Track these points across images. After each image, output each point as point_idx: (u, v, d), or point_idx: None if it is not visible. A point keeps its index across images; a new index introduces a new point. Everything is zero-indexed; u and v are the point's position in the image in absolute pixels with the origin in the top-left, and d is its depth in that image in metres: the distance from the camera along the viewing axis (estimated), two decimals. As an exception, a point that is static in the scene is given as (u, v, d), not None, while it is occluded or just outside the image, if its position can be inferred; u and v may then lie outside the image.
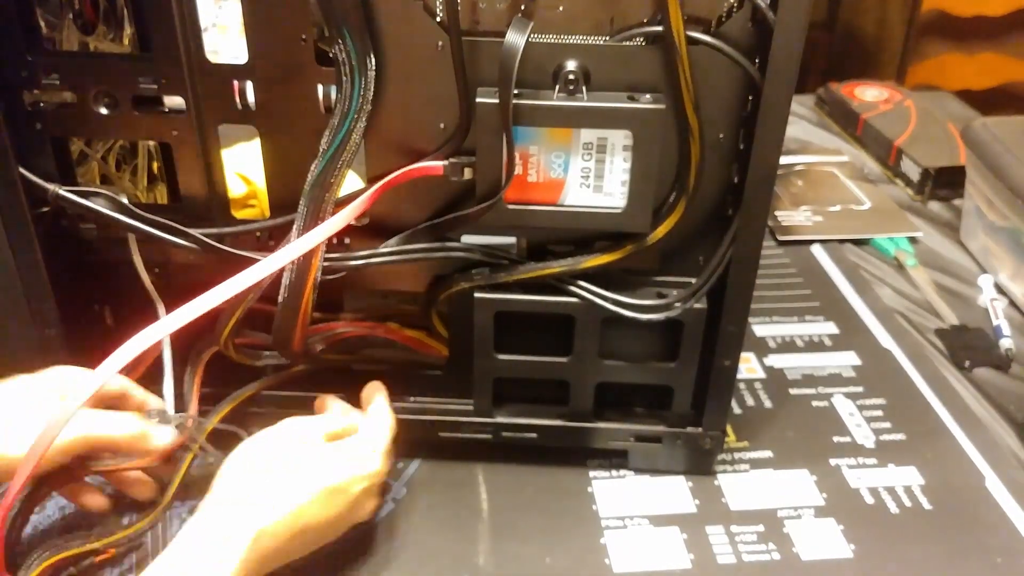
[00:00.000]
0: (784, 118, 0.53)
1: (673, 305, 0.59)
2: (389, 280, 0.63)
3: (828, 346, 0.82)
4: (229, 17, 0.78)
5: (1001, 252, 0.90)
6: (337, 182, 0.54)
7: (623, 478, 0.67)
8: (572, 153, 0.55)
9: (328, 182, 0.54)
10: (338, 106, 0.52)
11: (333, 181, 0.54)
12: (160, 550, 0.50)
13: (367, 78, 0.52)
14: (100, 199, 0.57)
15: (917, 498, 0.66)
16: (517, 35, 0.50)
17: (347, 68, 0.51)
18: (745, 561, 0.61)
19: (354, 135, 0.53)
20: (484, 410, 0.65)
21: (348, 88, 0.52)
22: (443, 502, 0.64)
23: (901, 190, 1.07)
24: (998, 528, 0.64)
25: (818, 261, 0.95)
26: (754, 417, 0.73)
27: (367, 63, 0.52)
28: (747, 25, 0.52)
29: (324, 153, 0.53)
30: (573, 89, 0.53)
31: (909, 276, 0.92)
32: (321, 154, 0.53)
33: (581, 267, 0.58)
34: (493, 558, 0.61)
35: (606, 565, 0.60)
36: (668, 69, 0.52)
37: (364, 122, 0.53)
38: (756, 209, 0.56)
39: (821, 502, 0.66)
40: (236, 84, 0.56)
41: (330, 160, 0.53)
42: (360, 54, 0.51)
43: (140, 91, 0.56)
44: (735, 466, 0.69)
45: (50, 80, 0.56)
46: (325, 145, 0.53)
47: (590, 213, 0.56)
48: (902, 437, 0.72)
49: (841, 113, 1.22)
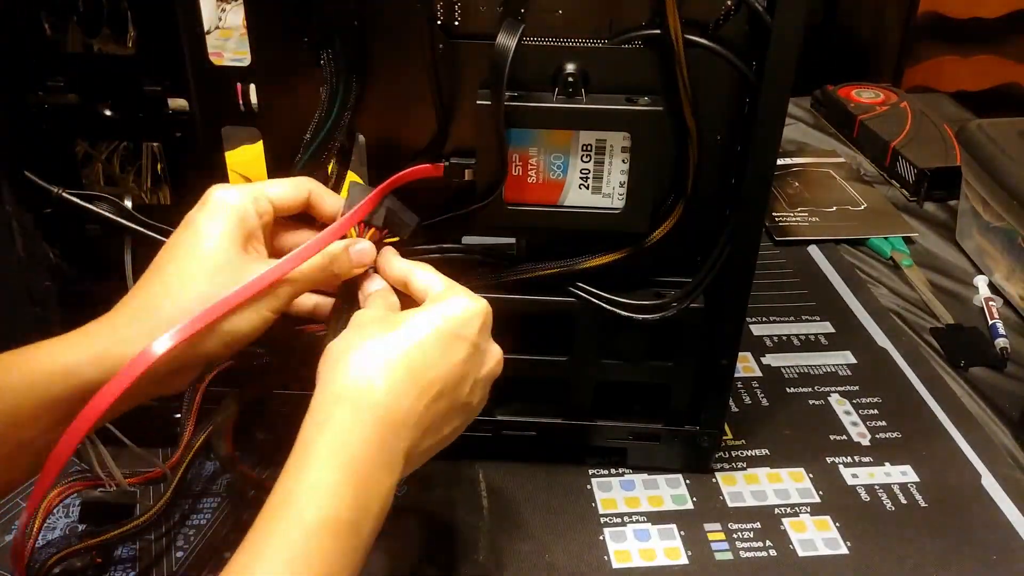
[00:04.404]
0: (781, 120, 0.53)
1: (670, 305, 0.60)
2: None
3: (824, 345, 0.82)
4: (232, 19, 0.79)
5: (996, 252, 0.91)
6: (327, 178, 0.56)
7: (622, 476, 0.68)
8: (571, 155, 0.55)
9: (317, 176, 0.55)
10: (320, 106, 0.54)
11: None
12: (163, 544, 0.51)
13: (351, 85, 0.54)
14: (102, 203, 0.58)
15: (913, 496, 0.67)
16: (508, 37, 0.50)
17: (330, 74, 0.53)
18: (742, 558, 0.62)
19: (333, 138, 0.54)
20: (484, 409, 0.66)
21: (331, 91, 0.54)
22: (443, 500, 0.65)
23: (897, 191, 1.08)
24: (993, 526, 0.64)
25: (815, 261, 0.95)
26: (751, 415, 0.74)
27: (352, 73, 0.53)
28: (744, 28, 0.53)
29: (305, 149, 0.55)
30: (572, 91, 0.53)
31: (905, 276, 0.93)
32: (303, 148, 0.55)
33: (580, 267, 0.59)
34: (493, 556, 0.61)
35: (605, 562, 0.61)
36: (666, 71, 0.53)
37: (345, 127, 0.55)
38: (753, 210, 0.56)
39: (817, 500, 0.66)
40: (239, 86, 0.56)
41: (311, 157, 0.55)
42: (347, 61, 0.52)
43: (144, 93, 0.57)
44: (732, 464, 0.69)
45: (55, 82, 0.56)
46: (306, 140, 0.55)
47: (589, 214, 0.57)
48: (898, 435, 0.72)
49: (837, 115, 1.22)
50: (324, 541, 0.40)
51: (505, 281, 0.60)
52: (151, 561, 0.60)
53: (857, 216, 1.02)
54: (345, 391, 0.44)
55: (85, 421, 0.44)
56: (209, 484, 0.65)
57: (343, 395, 0.44)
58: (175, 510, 0.63)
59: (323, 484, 0.41)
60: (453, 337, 0.47)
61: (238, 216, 0.48)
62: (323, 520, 0.40)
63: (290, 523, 0.40)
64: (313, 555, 0.40)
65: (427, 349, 0.46)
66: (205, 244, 0.48)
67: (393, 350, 0.45)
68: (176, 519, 0.62)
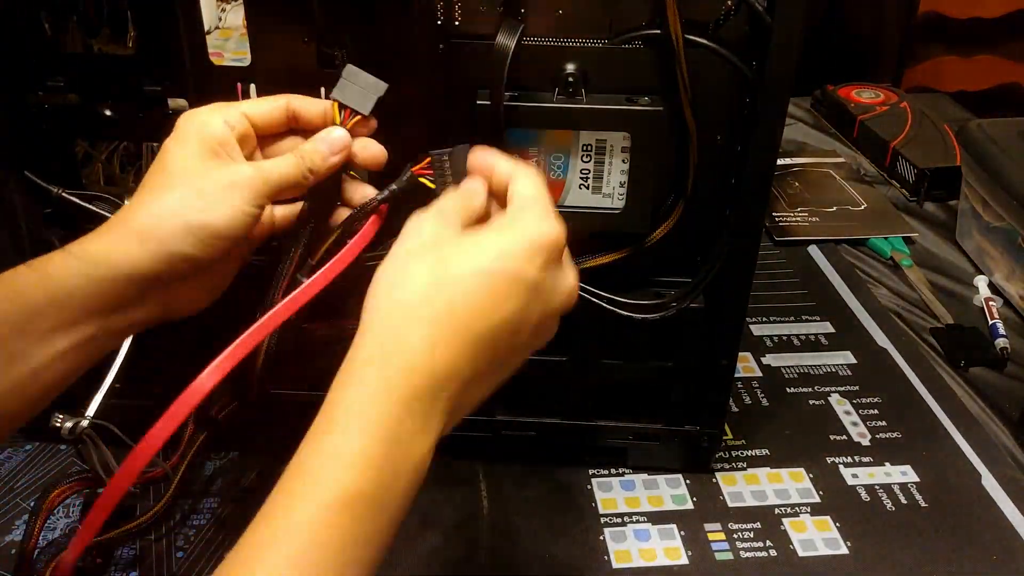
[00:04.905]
0: (781, 120, 0.53)
1: (670, 305, 0.60)
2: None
3: (824, 345, 0.82)
4: (232, 19, 0.79)
5: (996, 252, 0.91)
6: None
7: (622, 476, 0.68)
8: (572, 155, 0.56)
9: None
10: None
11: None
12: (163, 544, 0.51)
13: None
14: (102, 203, 0.58)
15: (913, 496, 0.67)
16: (507, 37, 0.50)
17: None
18: (742, 558, 0.62)
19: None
20: (484, 409, 0.66)
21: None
22: (443, 501, 0.65)
23: (897, 191, 1.08)
24: (993, 526, 0.64)
25: (815, 261, 0.95)
26: (751, 416, 0.74)
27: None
28: (744, 28, 0.53)
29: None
30: (572, 91, 0.53)
31: (905, 276, 0.93)
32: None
33: (580, 267, 0.58)
34: (493, 556, 0.61)
35: (605, 562, 0.61)
36: (666, 71, 0.53)
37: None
38: (753, 210, 0.56)
39: (817, 500, 0.66)
40: (239, 86, 0.56)
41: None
42: (360, 57, 0.52)
43: (144, 93, 0.57)
44: (732, 464, 0.69)
45: (55, 82, 0.56)
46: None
47: (589, 214, 0.57)
48: (898, 435, 0.72)
49: (837, 115, 1.22)
50: (343, 520, 0.36)
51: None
52: (151, 561, 0.60)
53: (857, 216, 1.02)
54: (375, 346, 0.40)
55: (135, 462, 0.45)
56: (209, 484, 0.65)
57: (373, 353, 0.40)
58: (175, 510, 0.63)
59: (343, 453, 0.37)
60: (512, 280, 0.41)
61: (204, 130, 0.48)
62: (342, 497, 0.36)
63: (304, 501, 0.36)
64: (327, 542, 0.35)
65: (478, 298, 0.41)
66: (169, 158, 0.48)
67: (436, 297, 0.40)
68: (176, 519, 0.62)
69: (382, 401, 0.39)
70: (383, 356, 0.40)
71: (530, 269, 0.42)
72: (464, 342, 0.41)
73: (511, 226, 0.43)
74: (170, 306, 0.49)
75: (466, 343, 0.41)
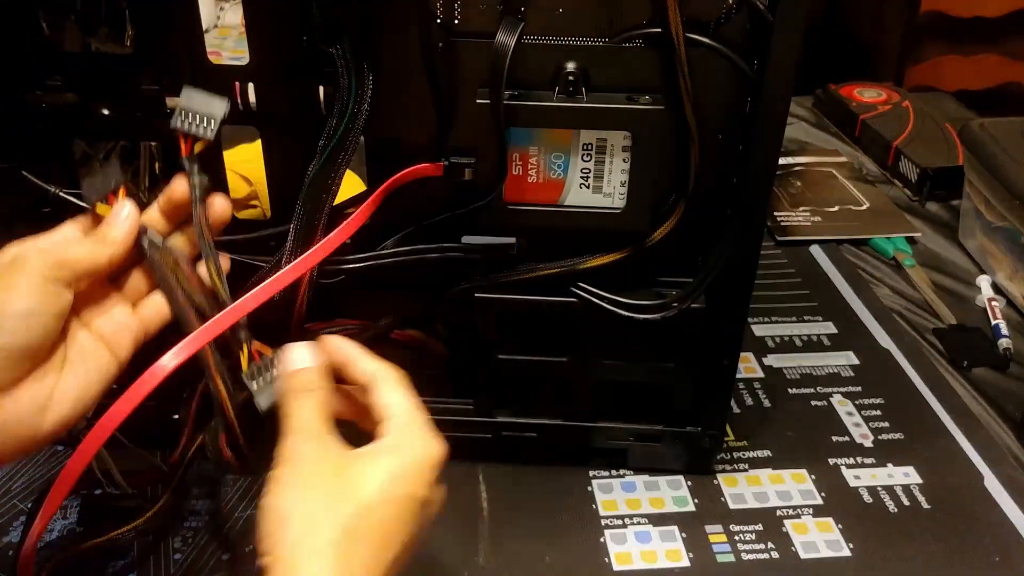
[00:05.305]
0: (782, 119, 0.53)
1: (671, 305, 0.60)
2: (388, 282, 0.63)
3: (827, 346, 0.82)
4: (230, 18, 0.78)
5: (999, 252, 0.91)
6: (335, 183, 0.54)
7: (623, 477, 0.67)
8: (572, 154, 0.55)
9: (326, 183, 0.54)
10: (336, 105, 0.53)
11: (331, 182, 0.54)
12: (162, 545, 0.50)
13: (365, 79, 0.52)
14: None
15: (915, 497, 0.66)
16: (507, 35, 0.50)
17: (344, 69, 0.52)
18: (744, 560, 0.61)
19: (351, 135, 0.53)
20: (484, 410, 0.66)
21: (345, 87, 0.52)
22: (443, 501, 0.65)
23: (899, 190, 1.08)
24: (996, 527, 0.64)
25: (817, 261, 0.95)
26: (753, 416, 0.74)
27: (364, 66, 0.52)
28: (746, 26, 0.52)
29: (321, 153, 0.54)
30: (573, 90, 0.53)
31: (907, 276, 0.93)
32: (319, 154, 0.54)
33: (581, 267, 0.59)
34: (493, 557, 0.61)
35: (606, 564, 0.61)
36: (667, 70, 0.53)
37: (362, 122, 0.53)
38: (755, 209, 0.56)
39: (820, 501, 0.66)
40: (237, 85, 0.56)
41: (327, 160, 0.53)
42: (358, 56, 0.51)
43: (142, 92, 0.56)
44: (734, 465, 0.69)
45: (52, 81, 0.56)
46: (322, 144, 0.53)
47: (590, 214, 0.57)
48: (900, 436, 0.72)
49: (839, 114, 1.22)
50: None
51: (505, 281, 0.60)
52: (150, 562, 0.59)
53: (859, 216, 1.02)
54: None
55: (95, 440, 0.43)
56: (209, 484, 0.65)
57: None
58: (175, 511, 0.62)
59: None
60: (407, 500, 0.43)
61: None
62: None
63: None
64: None
65: (382, 527, 0.42)
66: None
67: (350, 533, 0.41)
68: (176, 520, 0.62)
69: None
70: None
71: (422, 489, 0.44)
72: (377, 563, 0.42)
73: (397, 449, 0.45)
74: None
75: (378, 563, 0.42)
